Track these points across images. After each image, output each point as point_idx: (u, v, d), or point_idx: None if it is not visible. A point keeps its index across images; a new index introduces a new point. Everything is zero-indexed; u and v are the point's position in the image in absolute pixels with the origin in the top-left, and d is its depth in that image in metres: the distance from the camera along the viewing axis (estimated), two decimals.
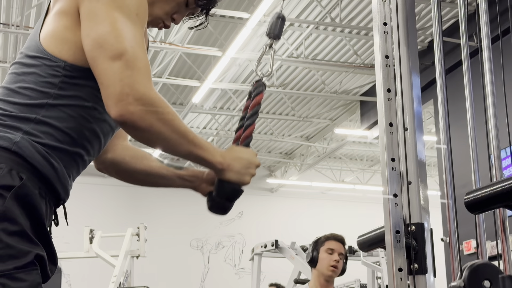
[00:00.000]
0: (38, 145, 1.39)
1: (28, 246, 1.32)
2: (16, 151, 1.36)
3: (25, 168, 1.36)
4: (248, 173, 1.54)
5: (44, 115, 1.42)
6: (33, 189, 1.36)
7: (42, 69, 1.44)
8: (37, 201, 1.37)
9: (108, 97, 1.36)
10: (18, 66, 1.48)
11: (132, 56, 1.36)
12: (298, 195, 13.93)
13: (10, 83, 1.47)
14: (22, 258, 1.31)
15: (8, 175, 1.33)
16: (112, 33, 1.37)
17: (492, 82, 1.87)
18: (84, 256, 6.96)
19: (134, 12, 1.41)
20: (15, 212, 1.32)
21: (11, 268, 1.29)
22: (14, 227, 1.31)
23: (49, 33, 1.46)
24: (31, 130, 1.40)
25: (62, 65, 1.43)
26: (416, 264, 1.59)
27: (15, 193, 1.32)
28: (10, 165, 1.35)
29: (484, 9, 1.90)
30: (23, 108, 1.42)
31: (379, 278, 6.62)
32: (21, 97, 1.43)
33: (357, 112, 10.57)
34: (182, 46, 8.31)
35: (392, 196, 1.62)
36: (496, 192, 1.50)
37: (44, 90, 1.43)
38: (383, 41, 1.72)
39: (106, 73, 1.36)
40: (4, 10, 7.80)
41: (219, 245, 13.72)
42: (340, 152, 13.09)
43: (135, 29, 1.40)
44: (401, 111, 1.66)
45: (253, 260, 5.88)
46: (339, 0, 7.77)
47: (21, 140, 1.38)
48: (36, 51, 1.46)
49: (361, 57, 9.04)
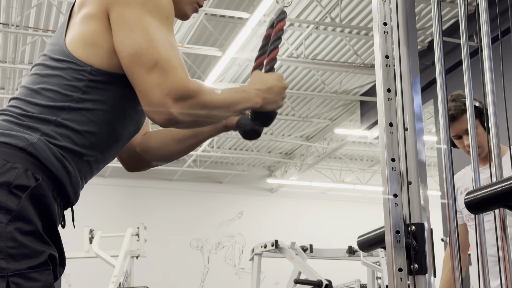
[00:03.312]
0: (55, 148, 1.40)
1: (42, 246, 1.33)
2: (31, 152, 1.37)
3: (40, 169, 1.37)
4: (281, 99, 1.60)
5: (65, 118, 1.42)
6: (47, 190, 1.37)
7: (67, 72, 1.44)
8: (51, 202, 1.38)
9: (149, 104, 1.38)
10: (42, 68, 1.48)
11: (166, 59, 1.38)
12: (298, 195, 13.94)
13: (32, 83, 1.47)
14: (36, 258, 1.32)
15: (23, 175, 1.34)
16: (146, 39, 1.39)
17: (492, 82, 1.87)
18: (84, 256, 6.96)
19: (165, 15, 1.44)
20: (29, 212, 1.33)
21: (25, 268, 1.30)
22: (29, 227, 1.32)
23: (75, 37, 1.47)
24: (49, 132, 1.41)
25: (89, 69, 1.44)
26: (416, 264, 1.59)
27: (30, 193, 1.33)
28: (25, 165, 1.35)
29: (484, 9, 1.90)
30: (44, 110, 1.42)
31: (379, 278, 6.62)
32: (43, 99, 1.43)
33: (357, 112, 10.57)
34: (182, 46, 8.31)
35: (392, 196, 1.62)
36: (496, 192, 1.50)
37: (67, 93, 1.43)
38: (383, 41, 1.72)
39: (143, 82, 1.38)
40: (4, 10, 7.80)
41: (219, 245, 13.73)
42: (340, 152, 13.10)
43: (167, 31, 1.43)
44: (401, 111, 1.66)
45: (253, 260, 5.88)
46: (339, 0, 7.77)
47: (38, 141, 1.39)
48: (62, 54, 1.47)
49: (361, 57, 9.05)
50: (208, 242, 13.65)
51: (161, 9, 1.44)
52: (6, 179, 1.32)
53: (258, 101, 1.54)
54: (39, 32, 8.16)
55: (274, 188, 14.20)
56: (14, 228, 1.30)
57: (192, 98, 1.39)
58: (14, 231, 1.30)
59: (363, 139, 11.82)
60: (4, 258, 1.28)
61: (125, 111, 1.49)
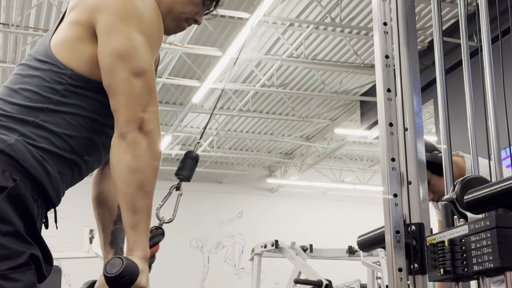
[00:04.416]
0: (33, 149, 1.39)
1: (22, 246, 1.33)
2: (9, 153, 1.36)
3: (18, 170, 1.36)
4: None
5: (43, 119, 1.42)
6: (26, 191, 1.36)
7: (47, 74, 1.44)
8: (30, 202, 1.37)
9: (121, 112, 1.39)
10: (24, 68, 1.48)
11: (150, 79, 1.40)
12: (298, 195, 13.93)
13: (13, 83, 1.47)
14: (17, 258, 1.31)
15: (1, 176, 1.34)
16: (135, 51, 1.40)
17: (492, 82, 1.87)
18: (84, 256, 6.96)
19: (154, 40, 1.45)
20: (8, 212, 1.32)
21: (5, 269, 1.29)
22: (8, 228, 1.31)
23: (60, 40, 1.47)
24: (27, 133, 1.40)
25: (69, 73, 1.44)
26: (416, 264, 1.59)
27: (8, 194, 1.33)
28: (3, 166, 1.35)
29: (484, 9, 1.90)
30: (22, 110, 1.42)
31: (379, 278, 6.61)
32: (22, 99, 1.43)
33: (357, 112, 10.57)
34: (182, 46, 8.30)
35: (392, 196, 1.62)
36: (496, 192, 1.50)
37: (46, 94, 1.43)
38: (383, 41, 1.72)
39: (124, 86, 1.39)
40: (4, 10, 7.79)
41: (219, 245, 13.72)
42: (340, 152, 13.09)
43: (152, 56, 1.44)
44: (401, 111, 1.66)
45: (253, 260, 5.88)
46: (339, 0, 7.77)
47: (16, 142, 1.38)
48: (45, 55, 1.47)
49: (361, 57, 9.04)
50: (208, 242, 13.65)
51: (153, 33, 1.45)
52: None
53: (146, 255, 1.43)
54: (39, 32, 8.16)
55: (274, 188, 14.19)
56: None
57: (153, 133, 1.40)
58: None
59: (363, 139, 11.81)
60: None
61: (106, 120, 1.47)
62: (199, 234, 13.56)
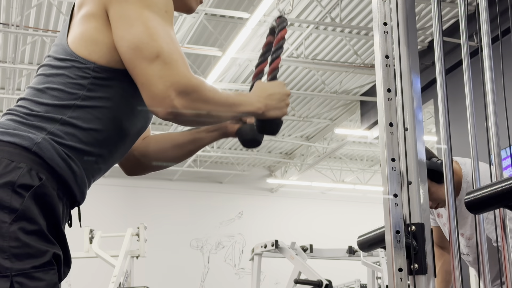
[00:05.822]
0: (60, 147, 1.40)
1: (46, 246, 1.33)
2: (36, 151, 1.38)
3: (44, 168, 1.37)
4: (284, 105, 1.58)
5: (71, 116, 1.43)
6: (51, 189, 1.37)
7: (71, 70, 1.45)
8: (55, 201, 1.38)
9: (151, 97, 1.38)
10: (46, 68, 1.49)
11: (168, 52, 1.39)
12: (298, 195, 13.94)
13: (38, 84, 1.48)
14: (40, 257, 1.32)
15: (27, 174, 1.34)
16: (146, 33, 1.39)
17: (492, 82, 1.87)
18: (84, 256, 6.96)
19: (163, 9, 1.44)
20: (33, 211, 1.33)
21: (29, 267, 1.29)
22: (33, 226, 1.32)
23: (77, 35, 1.47)
24: (55, 131, 1.41)
25: (92, 66, 1.44)
26: (416, 264, 1.59)
27: (34, 193, 1.34)
28: (30, 164, 1.36)
29: (484, 9, 1.90)
30: (50, 109, 1.43)
31: (379, 278, 6.62)
32: (48, 98, 1.44)
33: (357, 112, 10.57)
34: (182, 46, 8.31)
35: (392, 196, 1.62)
36: (496, 192, 1.50)
37: (72, 91, 1.44)
38: (383, 41, 1.72)
39: (145, 74, 1.38)
40: (4, 10, 7.79)
41: (219, 245, 13.73)
42: (340, 152, 13.10)
43: (166, 25, 1.43)
44: (401, 111, 1.66)
45: (253, 260, 5.88)
46: (339, 0, 7.77)
47: (43, 141, 1.39)
48: (65, 53, 1.47)
49: (361, 57, 9.05)
50: (208, 242, 13.65)
51: (160, 3, 1.44)
52: (10, 179, 1.33)
53: (260, 107, 1.53)
54: (39, 32, 8.16)
55: (274, 188, 14.20)
56: (17, 228, 1.30)
57: (194, 92, 1.39)
58: (17, 230, 1.30)
59: (363, 139, 11.82)
60: (8, 258, 1.28)
61: (131, 107, 1.49)
62: (199, 234, 13.56)
